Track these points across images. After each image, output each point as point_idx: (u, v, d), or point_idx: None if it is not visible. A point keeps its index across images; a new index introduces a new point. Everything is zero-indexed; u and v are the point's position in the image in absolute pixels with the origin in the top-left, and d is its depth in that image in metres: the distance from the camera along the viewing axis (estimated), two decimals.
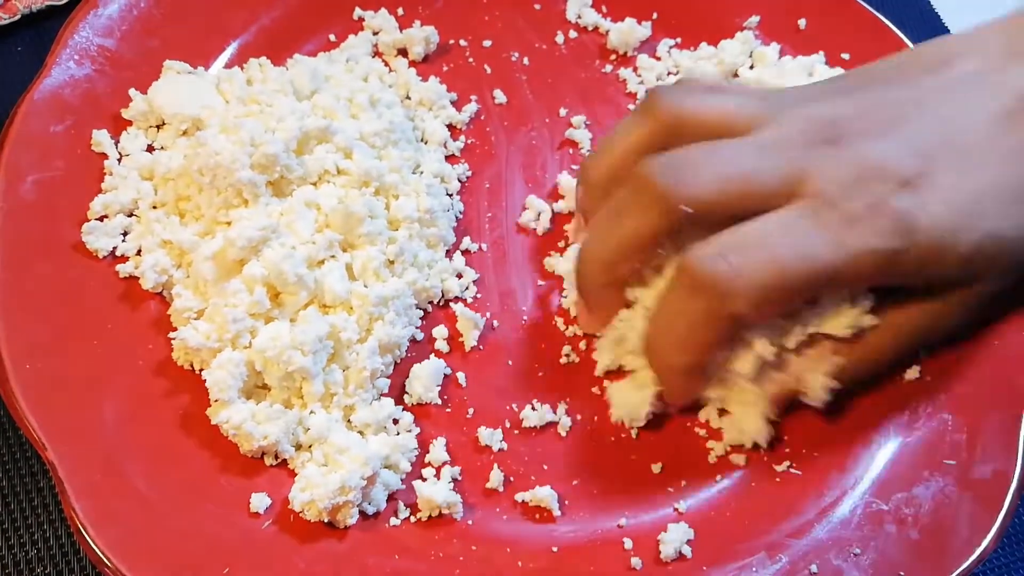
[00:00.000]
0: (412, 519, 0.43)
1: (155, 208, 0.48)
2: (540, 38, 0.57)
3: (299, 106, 0.49)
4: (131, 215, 0.48)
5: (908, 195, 0.38)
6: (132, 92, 0.51)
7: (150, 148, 0.50)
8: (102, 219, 0.48)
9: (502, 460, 0.45)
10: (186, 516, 0.41)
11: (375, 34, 0.56)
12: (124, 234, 0.48)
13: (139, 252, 0.47)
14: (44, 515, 0.44)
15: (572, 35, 0.57)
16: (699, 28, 0.57)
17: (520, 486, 0.44)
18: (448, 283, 0.48)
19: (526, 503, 0.44)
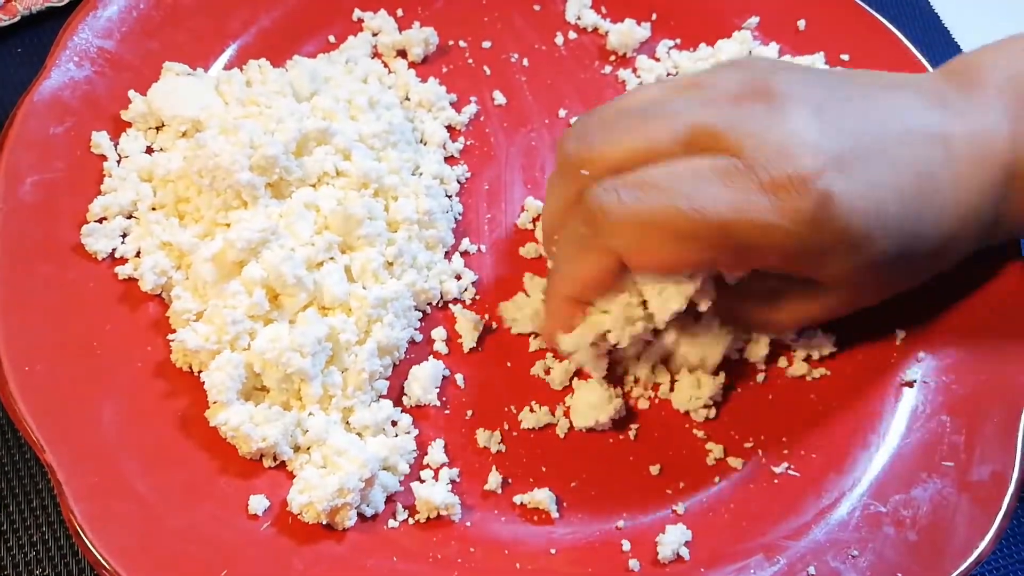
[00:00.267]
0: (410, 521, 0.43)
1: (154, 210, 0.48)
2: (539, 39, 0.57)
3: (298, 108, 0.49)
4: (130, 217, 0.48)
5: (834, 176, 0.36)
6: (131, 94, 0.51)
7: (149, 150, 0.50)
8: (101, 221, 0.48)
9: (500, 462, 0.45)
10: (184, 518, 0.41)
11: (374, 35, 0.56)
12: (123, 236, 0.48)
13: (138, 254, 0.47)
14: (43, 517, 0.44)
15: (571, 36, 0.57)
16: (698, 29, 0.57)
17: (518, 488, 0.44)
18: (447, 285, 0.48)
19: (524, 505, 0.44)
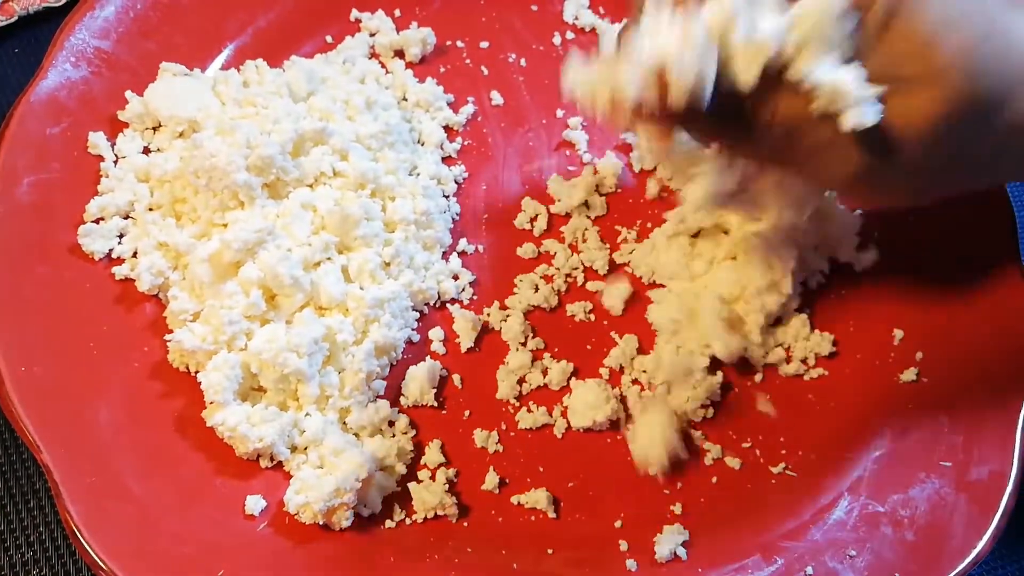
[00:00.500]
0: (408, 521, 0.43)
1: (151, 210, 0.48)
2: (537, 39, 0.57)
3: (295, 108, 0.49)
4: (127, 217, 0.48)
5: None
6: (128, 94, 0.51)
7: (146, 150, 0.50)
8: (98, 221, 0.48)
9: (498, 462, 0.45)
10: (181, 518, 0.41)
11: (372, 35, 0.56)
12: (120, 236, 0.48)
13: (135, 254, 0.47)
14: (40, 517, 0.44)
15: (569, 36, 0.57)
16: None
17: (516, 488, 0.44)
18: (444, 285, 0.48)
19: (522, 505, 0.44)
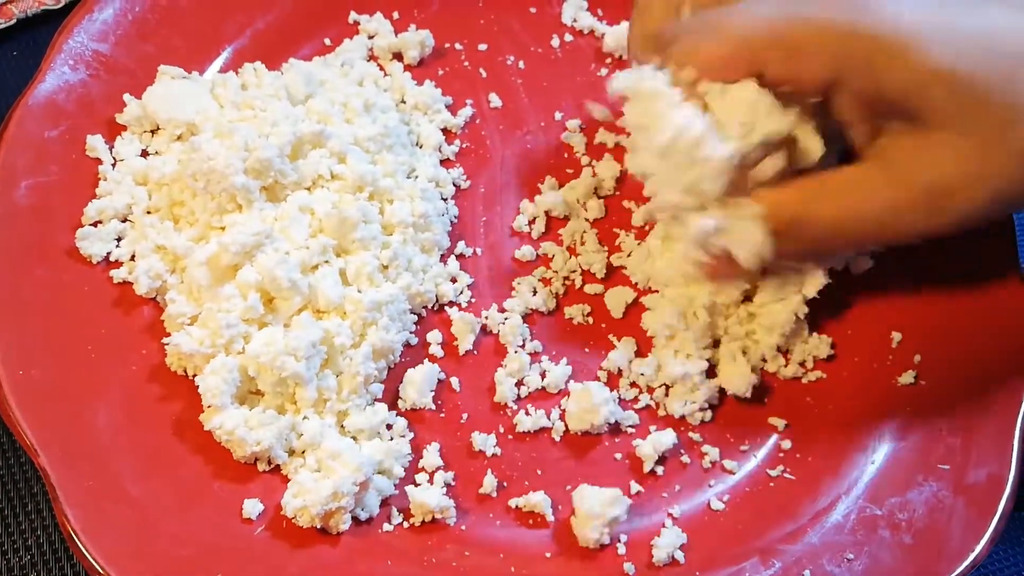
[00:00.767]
0: (405, 525, 0.43)
1: (149, 213, 0.48)
2: (535, 41, 0.57)
3: (293, 111, 0.49)
4: (125, 220, 0.48)
5: None
6: (127, 97, 0.51)
7: (144, 153, 0.50)
8: (96, 224, 0.48)
9: (496, 465, 0.45)
10: (178, 522, 0.41)
11: (370, 38, 0.56)
12: (118, 239, 0.48)
13: (133, 257, 0.47)
14: (38, 521, 0.44)
15: (567, 38, 0.57)
16: None
17: (514, 491, 0.44)
18: (442, 288, 0.48)
19: (519, 508, 0.43)
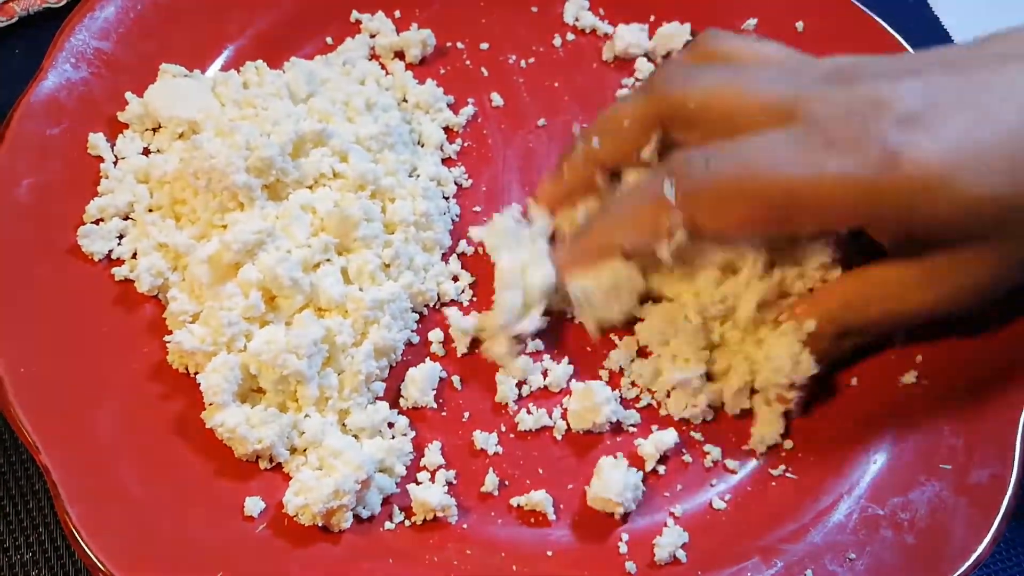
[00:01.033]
0: (407, 523, 0.43)
1: (151, 211, 0.48)
2: (538, 41, 0.57)
3: (295, 109, 0.49)
4: (127, 218, 0.48)
5: (902, 130, 0.36)
6: (128, 95, 0.51)
7: (146, 151, 0.50)
8: (98, 222, 0.48)
9: (497, 464, 0.45)
10: (180, 520, 0.41)
11: (372, 37, 0.56)
12: (120, 237, 0.48)
13: (135, 255, 0.47)
14: (39, 518, 0.44)
15: (570, 38, 0.57)
16: (697, 31, 0.57)
17: (515, 490, 0.44)
18: (444, 287, 0.48)
19: (521, 507, 0.43)
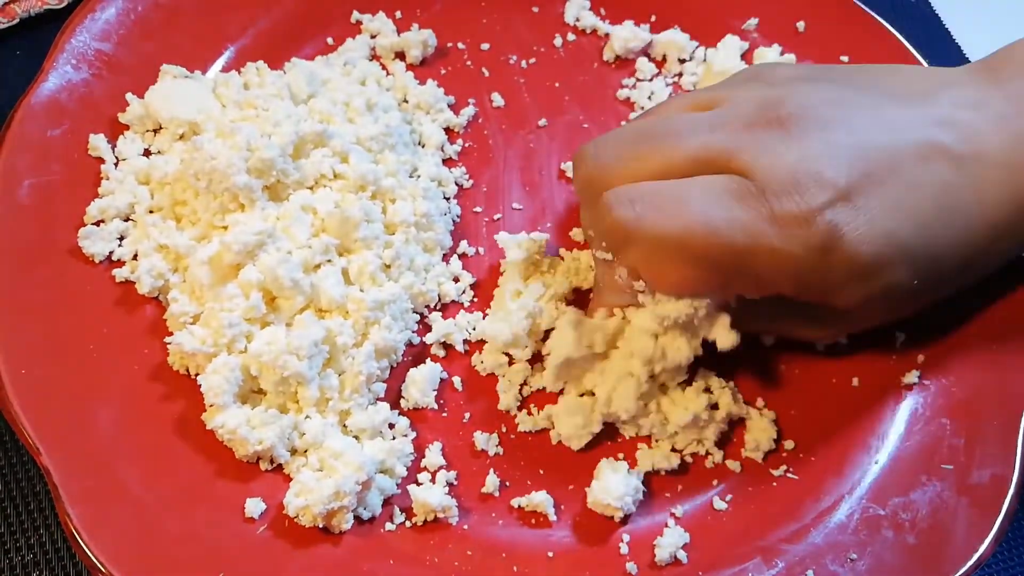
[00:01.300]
0: (407, 524, 0.43)
1: (151, 212, 0.48)
2: (538, 41, 0.57)
3: (296, 110, 0.49)
4: (127, 220, 0.48)
5: (842, 209, 0.38)
6: (129, 96, 0.51)
7: (147, 152, 0.50)
8: (98, 224, 0.48)
9: (498, 465, 0.45)
10: (181, 521, 0.41)
11: (373, 37, 0.56)
12: (120, 239, 0.48)
13: (135, 257, 0.47)
14: (40, 520, 0.44)
15: (570, 38, 0.57)
16: (697, 31, 0.57)
17: (516, 491, 0.44)
18: (445, 287, 0.48)
19: (522, 508, 0.43)
